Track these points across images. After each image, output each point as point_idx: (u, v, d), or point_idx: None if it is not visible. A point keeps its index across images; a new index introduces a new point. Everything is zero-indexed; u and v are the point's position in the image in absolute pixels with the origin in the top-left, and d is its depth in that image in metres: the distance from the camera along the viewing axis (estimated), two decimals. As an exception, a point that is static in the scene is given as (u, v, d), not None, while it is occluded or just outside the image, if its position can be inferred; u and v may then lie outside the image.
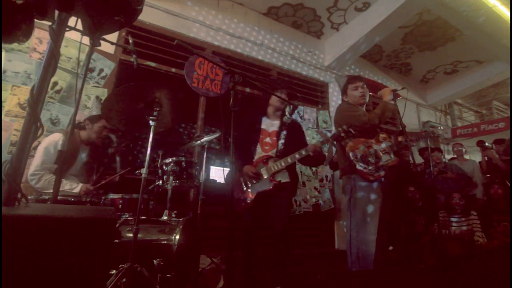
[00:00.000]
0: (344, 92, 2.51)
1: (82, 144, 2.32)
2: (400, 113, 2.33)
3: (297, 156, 2.06)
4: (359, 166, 2.17)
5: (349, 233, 2.18)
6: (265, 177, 2.07)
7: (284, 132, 2.22)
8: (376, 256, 2.08)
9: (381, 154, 2.22)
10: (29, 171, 2.05)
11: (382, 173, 2.18)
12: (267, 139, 2.22)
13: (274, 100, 2.28)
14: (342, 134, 2.04)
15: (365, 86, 2.42)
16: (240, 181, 2.14)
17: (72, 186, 2.09)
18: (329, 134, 4.40)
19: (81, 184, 2.14)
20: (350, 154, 2.20)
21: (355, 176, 2.21)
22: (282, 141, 2.19)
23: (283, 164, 2.06)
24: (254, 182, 2.09)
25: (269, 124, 2.28)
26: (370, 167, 2.17)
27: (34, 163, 2.07)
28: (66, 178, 2.14)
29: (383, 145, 2.26)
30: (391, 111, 2.27)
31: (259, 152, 2.18)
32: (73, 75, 2.85)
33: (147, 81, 1.72)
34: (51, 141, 2.13)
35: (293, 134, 2.27)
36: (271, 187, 2.05)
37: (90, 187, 2.13)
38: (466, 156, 5.19)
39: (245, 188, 2.11)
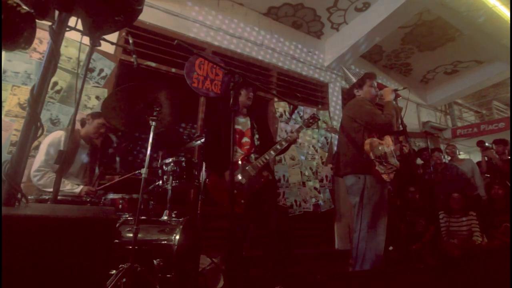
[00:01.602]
0: (359, 86, 2.42)
1: (81, 141, 2.32)
2: (401, 114, 2.32)
3: (278, 147, 2.12)
4: (378, 167, 2.12)
5: (358, 233, 2.12)
6: (252, 174, 2.08)
7: (256, 127, 2.26)
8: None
9: (389, 156, 2.21)
10: (33, 168, 2.07)
11: (392, 175, 2.17)
12: (245, 139, 2.22)
13: (242, 97, 2.25)
14: (311, 120, 2.24)
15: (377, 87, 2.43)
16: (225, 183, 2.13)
17: (73, 187, 2.10)
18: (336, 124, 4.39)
19: (82, 186, 2.14)
20: (371, 154, 2.13)
21: (367, 176, 2.14)
22: (256, 136, 2.22)
23: (267, 157, 2.10)
24: (243, 183, 2.08)
25: (241, 123, 2.27)
26: (385, 169, 2.15)
27: (38, 160, 2.08)
28: (67, 178, 2.15)
29: (390, 148, 2.25)
30: (396, 111, 2.26)
31: (239, 153, 2.17)
32: (73, 75, 2.85)
33: (147, 81, 1.72)
34: (54, 138, 2.14)
35: (262, 127, 2.31)
36: (261, 183, 2.08)
37: (92, 189, 2.13)
38: (464, 156, 5.18)
39: (235, 191, 2.09)
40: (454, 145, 4.80)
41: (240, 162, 2.12)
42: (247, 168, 2.08)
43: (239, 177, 2.07)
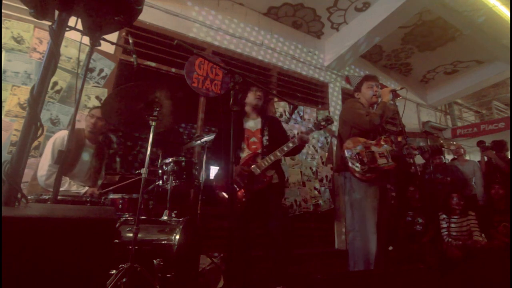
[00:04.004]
0: (358, 89, 2.50)
1: (86, 141, 2.33)
2: (399, 113, 2.33)
3: (285, 149, 2.10)
4: (351, 164, 2.18)
5: (349, 233, 2.19)
6: (256, 173, 2.08)
7: (266, 128, 2.26)
8: (376, 256, 2.09)
9: (378, 156, 2.22)
10: (40, 168, 2.09)
11: (374, 174, 2.18)
12: (253, 139, 2.23)
13: (250, 99, 2.28)
14: (323, 123, 2.16)
15: (379, 87, 2.43)
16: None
17: (79, 188, 2.11)
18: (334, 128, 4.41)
19: (87, 187, 2.15)
20: (345, 152, 2.21)
21: (349, 174, 2.23)
22: (266, 137, 2.22)
23: (272, 158, 2.09)
24: (246, 181, 2.09)
25: (251, 124, 2.29)
26: (363, 167, 2.17)
27: (45, 161, 2.10)
28: (72, 179, 2.16)
29: (383, 148, 2.26)
30: (391, 111, 2.28)
31: (246, 152, 2.18)
32: (73, 75, 2.85)
33: (147, 81, 1.72)
34: (58, 138, 2.17)
35: (274, 128, 2.30)
36: (264, 184, 2.07)
37: (96, 192, 2.14)
38: (467, 157, 5.17)
39: (237, 189, 2.11)
40: (460, 144, 4.78)
41: (245, 161, 2.12)
42: (252, 167, 2.09)
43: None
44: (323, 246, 3.99)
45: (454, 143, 2.73)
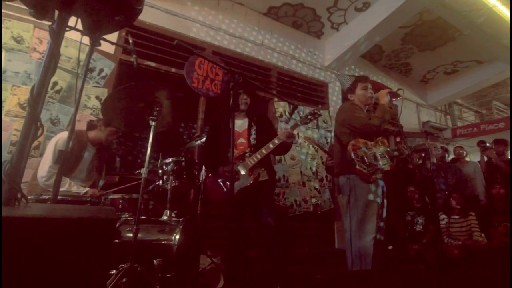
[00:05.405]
0: (351, 90, 2.48)
1: (88, 143, 2.33)
2: (397, 114, 2.34)
3: (271, 145, 2.10)
4: (359, 166, 2.17)
5: (349, 233, 2.18)
6: (243, 173, 2.09)
7: (254, 128, 2.26)
8: (375, 256, 2.09)
9: (379, 157, 2.24)
10: (41, 169, 2.09)
11: (379, 175, 2.19)
12: (240, 140, 2.24)
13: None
14: (309, 117, 2.23)
15: (371, 88, 2.44)
16: (219, 183, 2.14)
17: (79, 189, 2.11)
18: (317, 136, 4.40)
19: (88, 188, 2.15)
20: (352, 154, 2.20)
21: (353, 176, 2.21)
22: (253, 136, 2.22)
23: (258, 156, 2.09)
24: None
25: (238, 124, 2.28)
26: (369, 168, 2.17)
27: (46, 161, 2.09)
28: (72, 180, 2.15)
29: (381, 149, 2.28)
30: (390, 113, 2.29)
31: (235, 153, 2.18)
32: (73, 75, 2.85)
33: (147, 81, 1.72)
34: (60, 139, 2.16)
35: (262, 127, 2.30)
36: (251, 182, 2.08)
37: (97, 193, 2.14)
38: (467, 158, 5.18)
39: (225, 189, 2.12)
40: (462, 146, 4.78)
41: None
42: (238, 167, 2.11)
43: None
44: (323, 246, 3.99)
45: (428, 141, 2.72)
